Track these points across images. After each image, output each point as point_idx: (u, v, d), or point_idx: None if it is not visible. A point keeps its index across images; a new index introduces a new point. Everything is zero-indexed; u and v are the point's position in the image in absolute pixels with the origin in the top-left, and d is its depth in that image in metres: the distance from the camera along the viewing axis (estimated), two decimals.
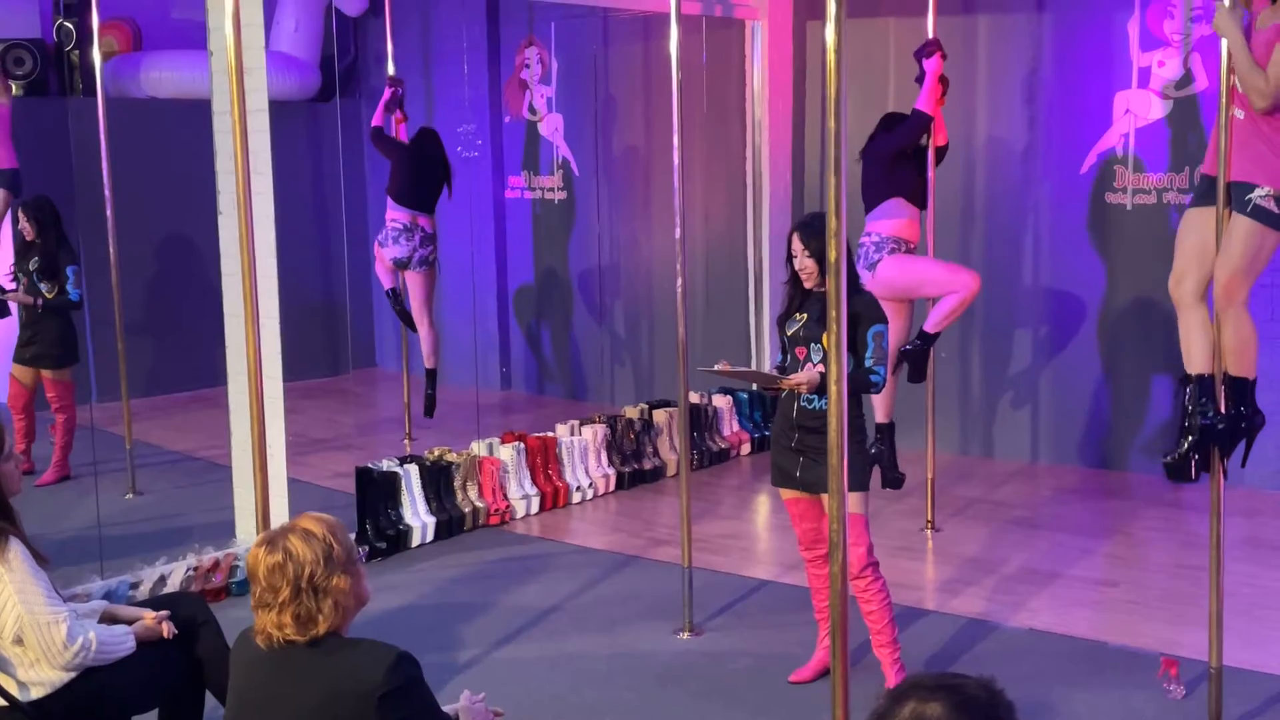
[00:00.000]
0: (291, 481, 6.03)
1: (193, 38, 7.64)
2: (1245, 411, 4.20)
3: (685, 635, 5.27)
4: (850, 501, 4.14)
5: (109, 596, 5.13)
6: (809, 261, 4.46)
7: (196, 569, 5.72)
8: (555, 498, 7.19)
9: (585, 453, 7.46)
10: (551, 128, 9.96)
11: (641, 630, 5.35)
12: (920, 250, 6.39)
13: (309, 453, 8.18)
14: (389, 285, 8.43)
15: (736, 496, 7.54)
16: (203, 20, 5.97)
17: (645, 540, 6.61)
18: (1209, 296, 4.23)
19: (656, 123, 9.15)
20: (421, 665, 2.80)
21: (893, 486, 6.46)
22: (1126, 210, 7.46)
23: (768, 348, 8.65)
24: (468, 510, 6.78)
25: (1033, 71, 7.75)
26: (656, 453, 7.84)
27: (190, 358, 9.23)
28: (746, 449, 8.32)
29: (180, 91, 9.48)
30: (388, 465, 6.65)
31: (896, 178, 6.20)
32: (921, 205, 6.32)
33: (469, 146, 9.90)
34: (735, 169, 8.89)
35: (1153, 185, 7.35)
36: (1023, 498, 7.21)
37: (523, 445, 7.14)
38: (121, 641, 3.66)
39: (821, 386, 4.34)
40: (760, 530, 7.00)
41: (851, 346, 4.32)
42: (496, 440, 7.19)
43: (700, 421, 8.13)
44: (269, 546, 2.74)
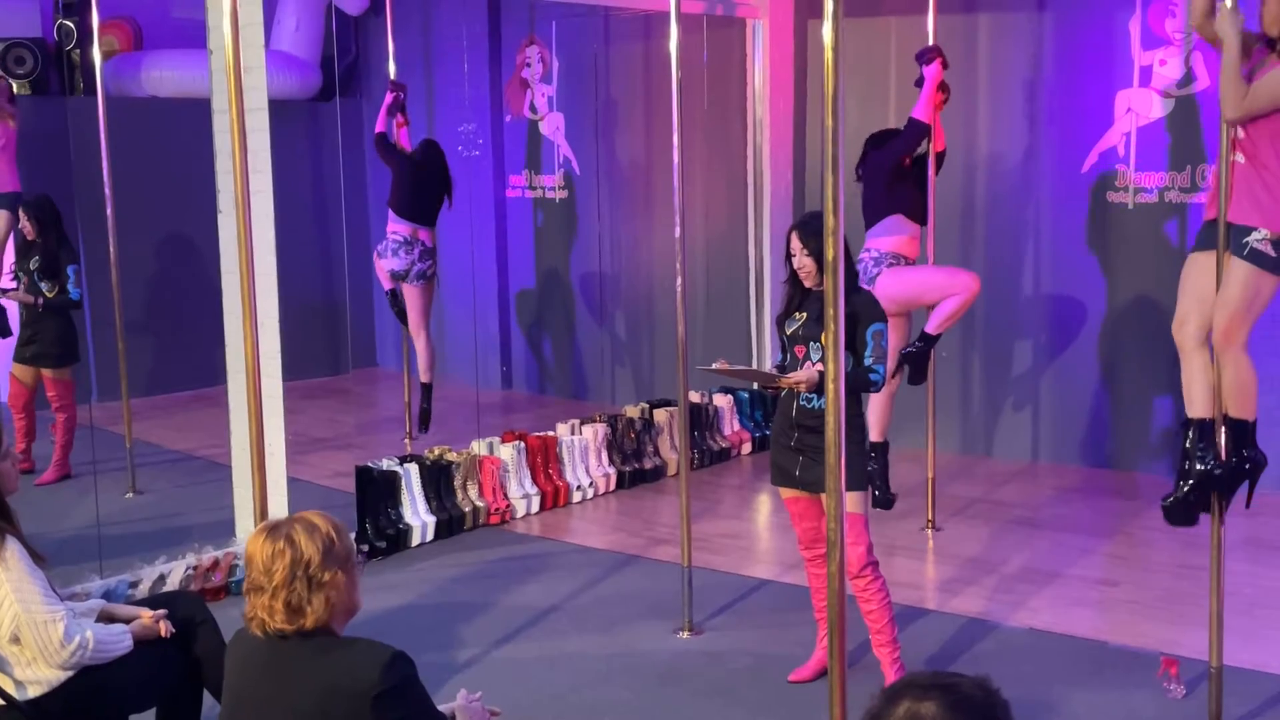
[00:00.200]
0: (291, 481, 6.02)
1: (193, 37, 7.63)
2: (1247, 454, 4.20)
3: (685, 635, 5.26)
4: (849, 501, 4.14)
5: (108, 596, 5.13)
6: (807, 260, 4.46)
7: (196, 568, 5.71)
8: (555, 497, 7.18)
9: (586, 452, 7.45)
10: (552, 127, 9.96)
11: (641, 630, 5.34)
12: (920, 258, 6.41)
13: (309, 452, 8.18)
14: (389, 287, 8.45)
15: (737, 496, 7.53)
16: (203, 19, 5.97)
17: (645, 540, 6.60)
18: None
19: (658, 122, 9.15)
20: (421, 665, 2.79)
21: (883, 507, 6.42)
22: (1128, 209, 7.45)
23: (768, 347, 8.64)
24: (468, 509, 6.78)
25: (1034, 70, 7.74)
26: (657, 452, 7.84)
27: (190, 357, 9.22)
28: (747, 448, 8.32)
29: (181, 91, 9.48)
30: (388, 464, 6.65)
31: (896, 194, 6.20)
32: (921, 221, 6.31)
33: (470, 146, 9.90)
34: (736, 168, 8.89)
35: (1154, 185, 7.34)
36: (1023, 497, 7.20)
37: (523, 444, 7.14)
38: (119, 640, 3.65)
39: (821, 386, 4.34)
40: (760, 530, 6.99)
41: (850, 345, 4.31)
42: (497, 439, 7.19)
43: (701, 421, 8.12)
44: (271, 532, 2.75)
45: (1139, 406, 7.55)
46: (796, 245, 4.48)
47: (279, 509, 5.35)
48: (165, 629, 3.78)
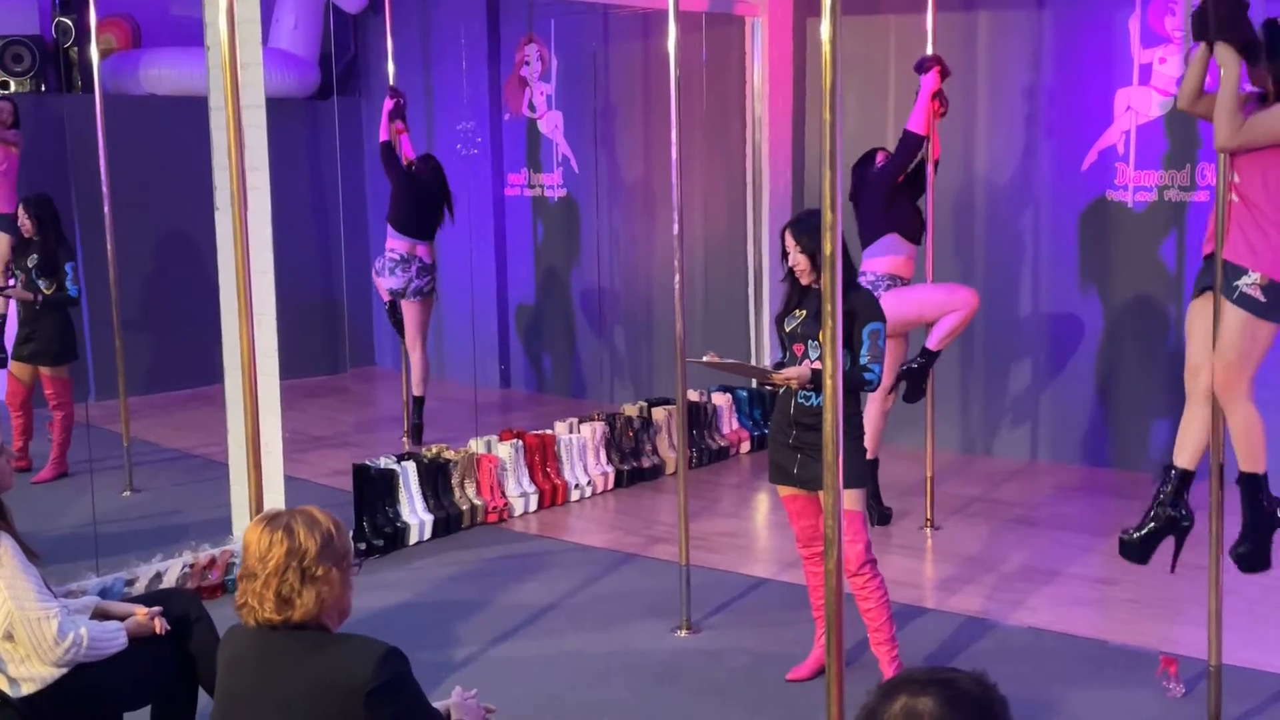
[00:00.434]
0: (289, 479, 6.01)
1: (191, 34, 7.63)
2: (1266, 504, 4.16)
3: (683, 633, 5.25)
4: (847, 498, 4.12)
5: (104, 593, 5.11)
6: (801, 258, 4.46)
7: (193, 566, 5.70)
8: (553, 495, 7.17)
9: (584, 450, 7.44)
10: (551, 125, 9.95)
11: (639, 628, 5.33)
12: (919, 265, 6.43)
13: (307, 450, 8.18)
14: (388, 299, 8.47)
15: (735, 494, 7.52)
16: (200, 16, 5.96)
17: (643, 538, 6.59)
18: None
19: (656, 120, 9.14)
20: (418, 663, 2.78)
21: (880, 523, 6.42)
22: (1128, 207, 7.44)
23: (767, 345, 8.63)
24: (465, 508, 6.77)
25: (1033, 68, 7.72)
26: (655, 450, 7.83)
27: (188, 355, 9.22)
28: (746, 447, 8.30)
29: (179, 88, 9.48)
30: (385, 462, 6.63)
31: (893, 213, 6.21)
32: (917, 241, 6.32)
33: (469, 144, 9.89)
34: (735, 166, 8.88)
35: (1153, 183, 7.33)
36: (1022, 495, 7.19)
37: (521, 443, 7.12)
38: (113, 637, 3.64)
39: (816, 382, 4.33)
40: (759, 528, 6.98)
41: (847, 343, 4.30)
42: (495, 438, 7.17)
43: (699, 419, 8.11)
44: (271, 521, 2.75)
45: (1139, 405, 7.53)
46: (790, 243, 4.49)
47: (275, 506, 5.33)
48: (160, 626, 3.77)
